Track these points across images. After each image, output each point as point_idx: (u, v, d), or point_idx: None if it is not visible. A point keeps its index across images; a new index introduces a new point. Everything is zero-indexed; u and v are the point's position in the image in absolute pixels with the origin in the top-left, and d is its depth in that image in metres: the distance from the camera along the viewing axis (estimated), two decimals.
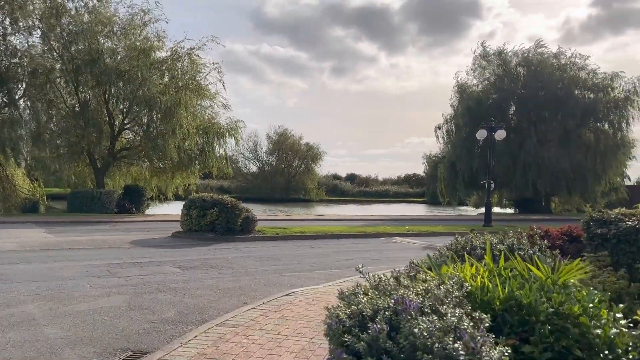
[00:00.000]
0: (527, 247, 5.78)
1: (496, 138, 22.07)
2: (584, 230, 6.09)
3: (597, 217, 5.95)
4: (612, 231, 5.54)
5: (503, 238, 6.02)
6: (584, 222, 6.11)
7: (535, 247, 5.86)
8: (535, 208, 38.13)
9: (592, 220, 5.98)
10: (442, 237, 17.49)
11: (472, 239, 6.08)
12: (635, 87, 34.65)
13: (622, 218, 5.69)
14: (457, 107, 38.49)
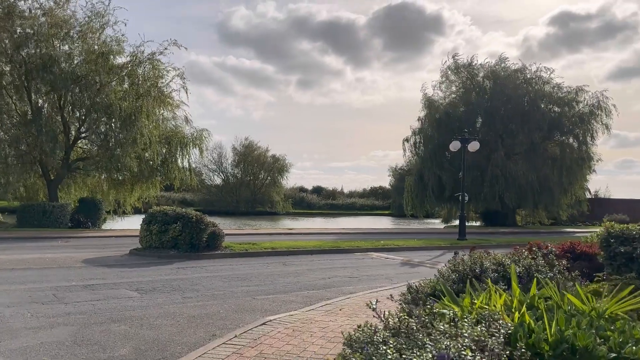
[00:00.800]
0: (546, 269, 5.01)
1: (469, 149, 21.71)
2: (602, 248, 5.40)
3: (617, 233, 5.27)
4: (638, 250, 4.87)
5: (517, 258, 5.24)
6: (601, 239, 5.44)
7: (554, 268, 5.11)
8: (502, 220, 38.24)
9: (612, 237, 5.29)
10: (419, 252, 16.83)
11: (482, 258, 5.26)
12: (599, 102, 35.33)
13: None
14: (425, 119, 38.33)
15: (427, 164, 37.29)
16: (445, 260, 15.09)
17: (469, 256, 5.86)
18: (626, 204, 63.74)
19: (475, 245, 7.84)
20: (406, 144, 40.11)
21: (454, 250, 18.16)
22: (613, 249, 5.12)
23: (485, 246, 19.21)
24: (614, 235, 5.25)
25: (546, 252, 5.61)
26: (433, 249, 17.91)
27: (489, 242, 20.26)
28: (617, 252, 5.04)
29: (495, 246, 19.52)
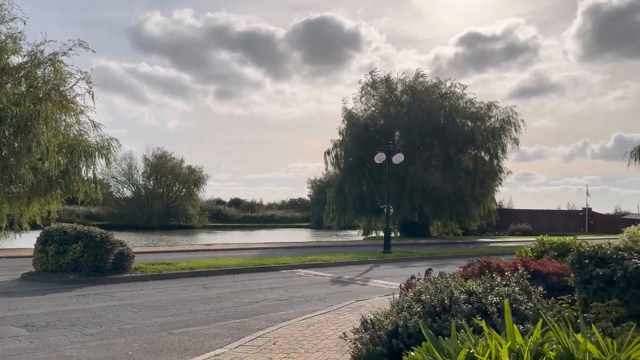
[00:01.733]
0: (523, 298, 4.34)
1: (394, 161, 21.58)
2: (574, 270, 4.89)
3: (591, 253, 4.77)
4: (620, 272, 4.38)
5: (490, 285, 4.54)
6: (573, 260, 4.93)
7: (532, 296, 4.48)
8: (419, 231, 38.95)
9: (585, 257, 4.78)
10: (347, 268, 16.16)
11: (453, 288, 4.50)
12: (509, 117, 37.16)
13: (623, 254, 4.57)
14: (346, 132, 38.35)
15: (348, 176, 37.25)
16: (376, 276, 14.63)
17: (429, 282, 5.11)
18: (528, 214, 68.21)
19: (431, 267, 7.17)
20: (327, 156, 39.91)
21: (381, 263, 17.75)
22: (589, 271, 4.60)
23: (410, 258, 19.01)
24: (588, 255, 4.75)
25: (517, 276, 4.97)
26: (361, 264, 17.34)
27: (414, 254, 20.12)
28: (594, 274, 4.54)
29: (420, 258, 19.41)
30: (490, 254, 23.17)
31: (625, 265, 4.40)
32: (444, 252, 22.08)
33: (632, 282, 4.34)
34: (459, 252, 22.49)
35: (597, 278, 4.50)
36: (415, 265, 17.36)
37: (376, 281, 12.98)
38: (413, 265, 17.29)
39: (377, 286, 12.27)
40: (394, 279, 13.47)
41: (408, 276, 14.32)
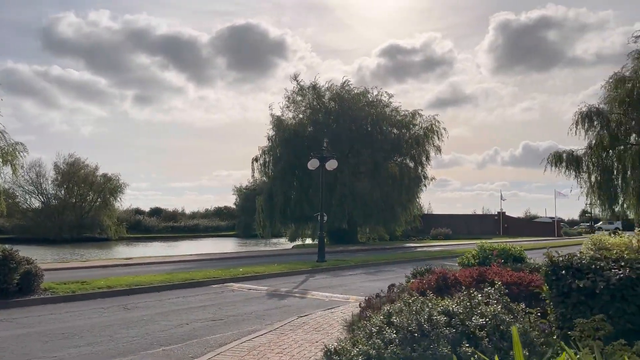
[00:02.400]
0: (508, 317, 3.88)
1: (327, 168, 21.18)
2: (549, 282, 4.54)
3: (566, 264, 4.44)
4: (601, 284, 4.07)
5: (470, 304, 4.04)
6: (547, 271, 4.58)
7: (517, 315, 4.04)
8: (348, 238, 39.02)
9: (561, 268, 4.43)
10: (282, 279, 15.44)
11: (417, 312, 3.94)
12: (432, 125, 38.19)
13: (600, 264, 4.28)
14: (274, 139, 37.75)
15: (277, 183, 36.60)
16: (314, 287, 13.97)
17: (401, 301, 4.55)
18: (448, 218, 71.03)
19: (394, 283, 6.65)
20: (255, 163, 39.06)
21: (317, 273, 17.19)
22: (568, 283, 4.26)
23: (344, 267, 18.62)
24: (563, 265, 4.42)
25: (495, 291, 4.53)
26: (296, 274, 16.67)
27: (347, 262, 19.77)
28: (573, 287, 4.20)
29: (354, 266, 19.08)
30: (422, 260, 23.40)
31: (607, 277, 4.12)
32: (377, 258, 21.95)
33: (616, 294, 4.05)
34: (391, 258, 22.48)
35: (577, 291, 4.18)
36: (350, 274, 16.98)
37: (315, 293, 12.37)
38: (348, 274, 16.90)
39: (316, 299, 11.66)
40: (333, 290, 12.95)
41: (346, 286, 13.90)
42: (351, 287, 13.73)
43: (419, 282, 6.19)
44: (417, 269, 9.23)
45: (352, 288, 13.46)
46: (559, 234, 71.54)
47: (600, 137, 25.05)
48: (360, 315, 5.23)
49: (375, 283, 14.55)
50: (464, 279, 6.09)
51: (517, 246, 10.07)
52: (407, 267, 19.93)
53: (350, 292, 12.59)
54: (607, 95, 25.60)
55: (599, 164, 25.42)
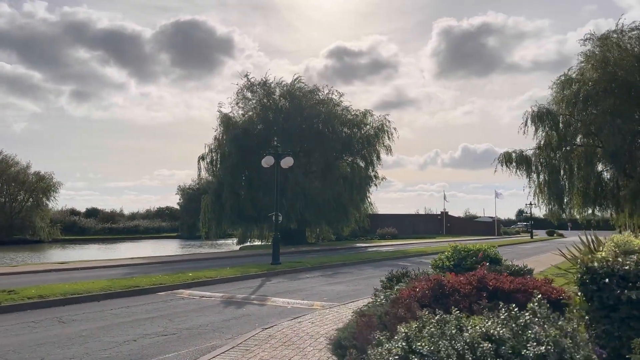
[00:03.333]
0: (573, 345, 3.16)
1: (282, 165, 20.22)
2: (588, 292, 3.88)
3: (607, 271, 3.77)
4: None
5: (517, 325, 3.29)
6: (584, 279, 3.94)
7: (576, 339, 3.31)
8: (298, 239, 38.23)
9: (603, 275, 3.78)
10: (236, 284, 14.39)
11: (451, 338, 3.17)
12: (383, 125, 38.04)
13: None
14: (223, 136, 36.38)
15: (226, 183, 35.24)
16: (272, 292, 12.94)
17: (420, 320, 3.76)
18: (394, 218, 71.78)
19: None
20: (202, 162, 37.47)
21: (273, 276, 16.25)
22: (616, 294, 3.61)
23: (301, 269, 17.80)
24: (604, 273, 3.78)
25: (537, 304, 3.81)
26: (250, 278, 15.65)
27: (303, 264, 18.93)
28: (622, 299, 3.57)
29: (311, 268, 18.30)
30: (378, 260, 22.94)
31: None
32: (332, 260, 21.26)
33: None
34: (347, 259, 21.86)
35: (627, 303, 3.55)
36: (308, 277, 16.17)
37: (275, 299, 11.44)
38: (306, 277, 16.08)
39: (278, 305, 10.75)
40: (294, 295, 12.09)
41: (306, 290, 13.06)
42: (312, 291, 12.92)
43: (410, 290, 5.45)
44: (393, 272, 8.53)
45: (313, 292, 12.64)
46: (498, 233, 73.96)
47: (549, 137, 25.56)
48: (359, 335, 4.38)
49: (335, 286, 13.82)
50: (462, 286, 5.41)
51: (490, 246, 9.61)
52: (364, 268, 19.37)
53: (312, 297, 11.76)
54: (554, 96, 26.18)
55: (548, 164, 25.95)
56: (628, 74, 23.62)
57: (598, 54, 24.59)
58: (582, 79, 24.73)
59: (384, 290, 8.14)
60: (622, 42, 24.21)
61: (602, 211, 26.82)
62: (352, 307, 9.69)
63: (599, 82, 23.90)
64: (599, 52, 24.62)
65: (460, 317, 3.53)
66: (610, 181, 26.02)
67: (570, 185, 25.78)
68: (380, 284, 14.13)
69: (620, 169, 24.51)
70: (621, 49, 24.00)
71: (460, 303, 5.06)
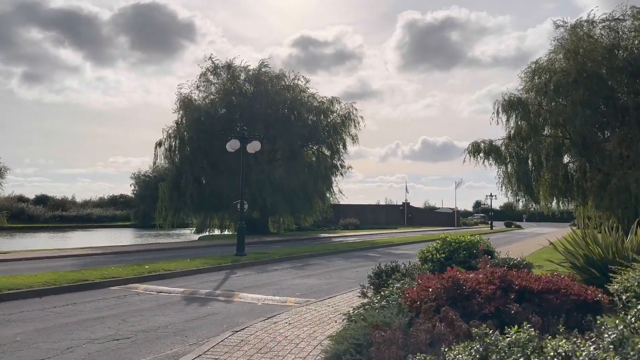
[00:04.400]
0: None
1: (249, 150, 18.98)
2: None
3: None
4: None
5: None
6: None
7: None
8: (260, 228, 37.04)
9: None
10: (199, 277, 13.20)
11: None
12: (350, 113, 37.16)
13: None
14: (183, 121, 34.62)
15: (185, 170, 33.64)
16: (239, 286, 11.66)
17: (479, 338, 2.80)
18: (356, 208, 71.43)
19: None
20: (159, 148, 35.55)
21: (238, 268, 15.13)
22: None
23: (267, 261, 16.74)
24: None
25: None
26: (214, 271, 14.45)
27: (270, 255, 17.84)
28: None
29: (278, 260, 17.28)
30: (346, 251, 22.07)
31: None
32: (300, 251, 20.26)
33: None
34: (315, 250, 20.89)
35: None
36: (276, 269, 15.11)
37: (243, 295, 10.34)
38: (274, 269, 15.02)
39: (247, 302, 9.67)
40: (263, 290, 11.03)
41: (276, 284, 12.00)
42: (282, 285, 11.88)
43: (420, 290, 4.51)
44: (380, 266, 7.59)
45: (284, 287, 11.61)
46: (458, 224, 74.95)
47: (519, 127, 25.26)
48: (377, 355, 3.36)
49: (307, 280, 12.84)
50: (483, 286, 4.50)
51: (483, 237, 8.84)
52: (334, 259, 18.48)
53: (284, 292, 10.74)
54: (523, 85, 25.90)
55: (517, 154, 25.69)
56: (597, 65, 23.54)
57: (569, 43, 24.41)
58: (552, 68, 24.51)
59: (372, 287, 7.22)
60: (593, 33, 24.10)
61: (568, 203, 26.87)
62: (329, 303, 8.74)
63: (569, 73, 23.71)
64: (569, 41, 24.45)
65: (533, 337, 2.59)
66: (577, 173, 26.05)
67: (538, 177, 25.64)
68: (353, 276, 13.25)
69: (587, 161, 24.51)
70: (592, 39, 23.88)
71: (485, 307, 4.16)
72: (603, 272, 8.49)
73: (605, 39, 23.89)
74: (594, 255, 8.71)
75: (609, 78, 24.03)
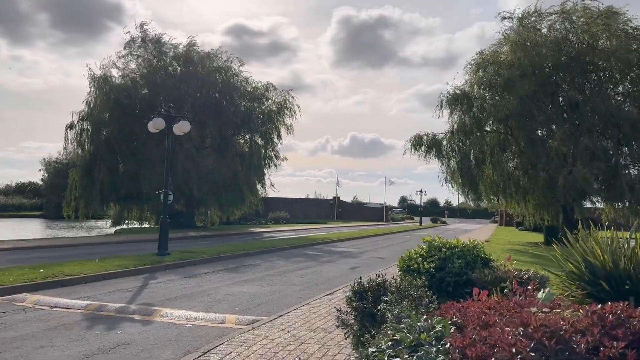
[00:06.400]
0: None
1: (176, 131, 16.34)
2: None
3: None
4: None
5: None
6: None
7: None
8: (186, 221, 34.09)
9: None
10: (109, 284, 10.63)
11: None
12: (286, 101, 34.95)
13: None
14: (96, 102, 30.77)
15: (100, 156, 30.09)
16: (161, 298, 8.62)
17: None
18: (285, 202, 69.55)
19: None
20: (69, 132, 31.56)
21: (160, 272, 12.66)
22: None
23: (195, 261, 14.37)
24: None
25: None
26: (129, 275, 11.87)
27: (198, 254, 15.39)
28: None
29: (208, 260, 14.93)
30: (285, 249, 19.89)
31: None
32: (232, 249, 17.93)
33: None
34: (249, 247, 18.62)
35: None
36: (207, 272, 12.79)
37: (167, 312, 8.00)
38: (204, 273, 12.68)
39: (171, 323, 7.38)
40: (192, 303, 8.75)
41: (208, 294, 9.68)
42: (216, 295, 9.64)
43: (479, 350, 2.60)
44: (361, 282, 5.59)
45: (219, 298, 9.39)
46: (387, 219, 75.25)
47: (462, 121, 24.44)
48: None
49: (246, 287, 10.68)
50: (605, 343, 2.62)
51: (476, 242, 7.15)
52: (272, 259, 16.37)
53: (220, 307, 8.53)
54: (467, 79, 25.16)
55: (459, 149, 24.90)
56: (544, 59, 23.12)
57: (515, 35, 23.84)
58: (498, 61, 23.87)
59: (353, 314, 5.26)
60: (540, 26, 23.67)
61: (508, 201, 26.50)
62: (284, 325, 6.71)
63: (514, 66, 23.15)
64: (516, 34, 23.88)
65: None
66: (517, 170, 25.70)
67: (481, 173, 25.00)
68: (299, 282, 11.26)
69: (530, 159, 24.12)
70: (539, 33, 23.43)
71: None
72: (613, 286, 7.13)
73: (553, 33, 23.52)
74: (606, 265, 7.25)
75: (555, 74, 23.74)
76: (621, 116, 22.10)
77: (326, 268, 14.57)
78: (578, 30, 22.57)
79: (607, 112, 22.13)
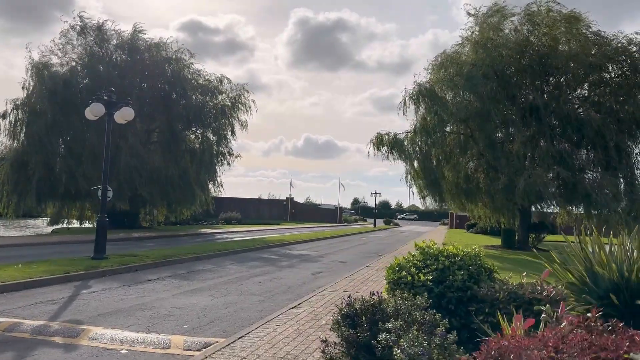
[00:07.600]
0: None
1: (117, 120, 14.61)
2: None
3: None
4: None
5: None
6: None
7: None
8: (128, 221, 31.85)
9: None
10: (30, 295, 8.92)
11: None
12: (241, 96, 33.32)
13: None
14: (33, 90, 28.40)
15: (34, 148, 27.54)
16: (92, 313, 6.68)
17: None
18: (237, 202, 67.64)
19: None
20: (2, 121, 28.90)
21: (95, 279, 10.99)
22: None
23: (139, 267, 12.72)
24: None
25: None
26: (57, 283, 10.12)
27: (141, 259, 13.71)
28: None
29: (153, 265, 13.31)
30: (238, 252, 18.31)
31: None
32: (180, 252, 16.29)
33: None
34: (199, 250, 17.05)
35: None
36: (151, 279, 11.20)
37: (97, 333, 6.48)
38: (147, 280, 11.09)
39: (101, 348, 5.89)
40: (131, 320, 7.25)
41: (151, 308, 7.42)
42: (161, 309, 8.16)
43: None
44: (352, 303, 4.38)
45: (163, 313, 7.91)
46: (340, 221, 74.59)
47: (425, 121, 23.76)
48: None
49: (197, 298, 9.23)
50: None
51: (479, 250, 6.09)
52: (225, 264, 14.88)
53: (164, 325, 7.08)
54: (429, 78, 24.52)
55: (421, 149, 24.21)
56: (506, 61, 22.80)
57: (477, 35, 23.41)
58: (460, 61, 23.35)
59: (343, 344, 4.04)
60: (502, 27, 23.34)
61: (471, 203, 26.05)
62: (245, 352, 5.40)
63: (477, 66, 22.67)
64: (478, 33, 23.46)
65: None
66: (478, 172, 25.31)
67: (442, 174, 24.41)
68: (257, 291, 9.95)
69: (490, 161, 23.71)
70: (502, 33, 23.10)
71: None
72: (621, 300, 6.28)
73: (515, 35, 23.23)
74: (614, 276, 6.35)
75: (516, 75, 23.48)
76: (580, 120, 22.05)
77: (286, 274, 13.28)
78: (540, 33, 22.36)
79: (567, 116, 22.02)
